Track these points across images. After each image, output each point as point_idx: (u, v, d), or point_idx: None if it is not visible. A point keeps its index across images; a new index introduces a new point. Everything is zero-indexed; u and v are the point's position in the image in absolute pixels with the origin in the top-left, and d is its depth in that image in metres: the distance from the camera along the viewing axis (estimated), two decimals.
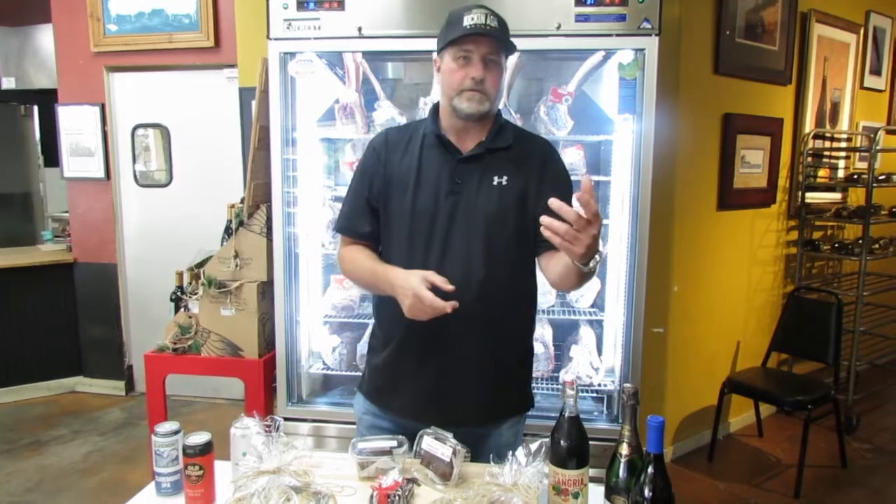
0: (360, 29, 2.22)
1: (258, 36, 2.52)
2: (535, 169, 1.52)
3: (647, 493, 1.09)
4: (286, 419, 2.21)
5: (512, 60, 2.35)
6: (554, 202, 1.18)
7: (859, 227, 3.75)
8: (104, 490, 3.00)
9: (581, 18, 2.12)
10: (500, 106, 1.64)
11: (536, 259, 1.56)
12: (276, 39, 2.28)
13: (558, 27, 2.13)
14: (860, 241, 3.72)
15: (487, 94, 1.46)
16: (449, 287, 1.34)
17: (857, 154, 4.24)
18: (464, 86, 1.45)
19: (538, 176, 1.52)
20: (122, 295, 4.18)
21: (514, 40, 2.10)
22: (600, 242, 1.26)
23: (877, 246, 3.85)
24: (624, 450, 1.19)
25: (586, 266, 1.28)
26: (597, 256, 1.26)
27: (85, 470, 3.21)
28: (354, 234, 1.61)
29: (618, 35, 2.13)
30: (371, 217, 1.58)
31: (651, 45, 2.13)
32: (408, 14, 2.21)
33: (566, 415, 1.24)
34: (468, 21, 1.42)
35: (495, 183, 1.49)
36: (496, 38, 1.44)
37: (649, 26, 2.12)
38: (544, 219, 1.20)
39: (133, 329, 4.22)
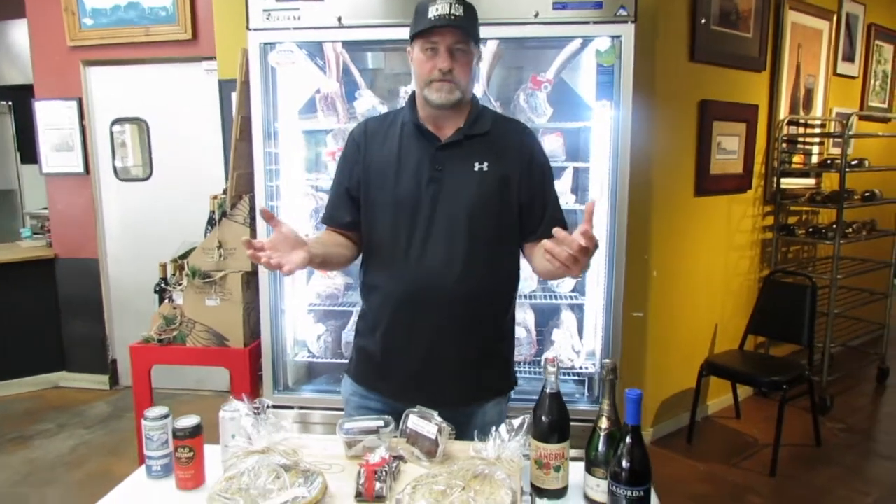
0: (339, 18, 2.23)
1: (236, 27, 2.52)
2: (515, 154, 1.55)
3: (624, 463, 1.14)
4: (273, 406, 2.24)
5: (491, 49, 2.38)
6: (559, 232, 1.26)
7: (833, 212, 3.82)
8: (91, 481, 3.00)
9: (558, 6, 2.16)
10: (480, 94, 1.67)
11: (522, 245, 1.60)
12: (255, 30, 2.29)
13: (536, 15, 2.17)
14: (834, 226, 3.80)
15: (457, 84, 1.47)
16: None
17: (831, 140, 4.32)
18: (432, 77, 1.47)
19: (519, 162, 1.55)
20: (104, 289, 4.15)
21: (493, 29, 2.16)
22: None
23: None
24: (603, 423, 1.23)
25: (577, 277, 1.35)
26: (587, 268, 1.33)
27: (72, 462, 3.20)
28: (335, 223, 1.63)
29: (595, 22, 2.17)
30: (351, 206, 1.60)
31: (627, 32, 2.17)
32: (386, 3, 2.23)
33: (547, 391, 1.28)
34: (433, 12, 1.43)
35: (476, 169, 1.52)
36: (461, 28, 1.45)
37: (625, 13, 2.16)
38: (546, 243, 1.28)
39: (116, 323, 4.20)
